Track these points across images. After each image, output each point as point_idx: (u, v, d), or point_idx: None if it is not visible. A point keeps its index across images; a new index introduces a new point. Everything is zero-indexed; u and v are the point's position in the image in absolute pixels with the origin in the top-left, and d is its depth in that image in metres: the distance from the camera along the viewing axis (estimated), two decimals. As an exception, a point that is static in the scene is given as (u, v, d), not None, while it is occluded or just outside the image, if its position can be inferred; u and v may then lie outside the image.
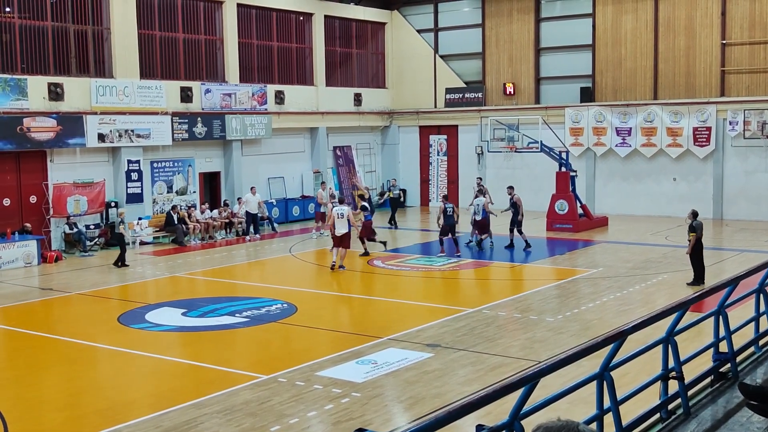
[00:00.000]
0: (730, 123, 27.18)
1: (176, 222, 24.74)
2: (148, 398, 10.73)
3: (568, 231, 25.00)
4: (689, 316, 7.77)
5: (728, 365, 7.89)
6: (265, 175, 29.18)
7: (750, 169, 27.34)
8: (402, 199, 30.36)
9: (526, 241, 21.85)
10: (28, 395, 10.96)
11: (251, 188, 26.12)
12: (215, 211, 26.15)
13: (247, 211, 25.70)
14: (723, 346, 7.98)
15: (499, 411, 5.49)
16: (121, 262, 20.56)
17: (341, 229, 19.33)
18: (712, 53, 27.89)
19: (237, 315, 15.18)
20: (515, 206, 22.33)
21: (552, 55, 31.46)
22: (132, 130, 24.23)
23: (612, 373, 6.14)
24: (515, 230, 22.20)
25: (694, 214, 17.09)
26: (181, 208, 25.47)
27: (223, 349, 13.23)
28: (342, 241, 19.46)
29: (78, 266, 20.86)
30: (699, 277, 16.84)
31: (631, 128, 28.98)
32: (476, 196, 22.54)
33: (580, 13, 30.62)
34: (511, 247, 22.10)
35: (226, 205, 26.46)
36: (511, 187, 23.24)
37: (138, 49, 24.78)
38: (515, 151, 29.32)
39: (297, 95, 30.10)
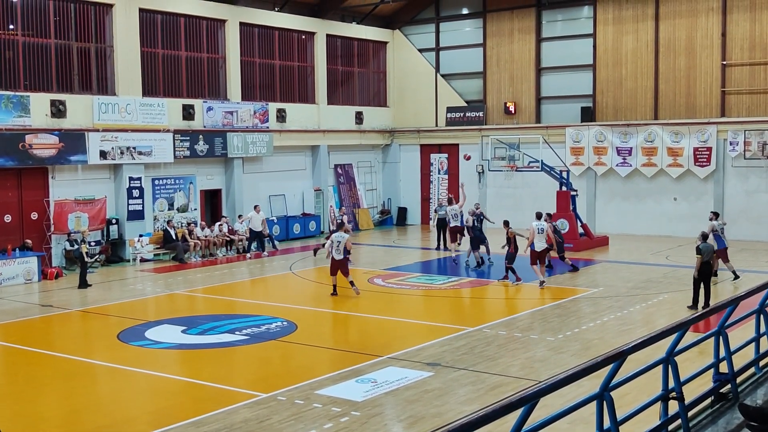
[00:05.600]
0: (731, 143, 27.24)
1: (174, 238, 24.73)
2: (147, 416, 10.70)
3: (569, 250, 24.93)
4: (690, 337, 7.76)
5: (728, 386, 7.86)
6: (266, 193, 29.21)
7: (750, 189, 27.37)
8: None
9: (515, 273, 20.06)
10: (27, 412, 10.93)
11: (255, 206, 26.00)
12: (214, 227, 26.01)
13: (251, 229, 25.66)
14: (723, 367, 7.96)
15: (499, 431, 5.48)
16: (83, 282, 20.17)
17: (540, 245, 19.75)
18: (713, 74, 28.01)
19: (237, 333, 15.17)
20: (509, 242, 20.04)
21: (553, 74, 31.59)
22: (134, 148, 24.30)
23: (612, 393, 6.13)
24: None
25: (704, 237, 17.00)
26: (181, 225, 25.48)
27: (223, 367, 13.20)
28: (540, 256, 19.84)
29: (78, 283, 20.81)
30: (695, 303, 16.44)
31: (631, 148, 29.04)
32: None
33: (581, 34, 30.79)
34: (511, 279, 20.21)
35: (224, 218, 26.41)
36: (506, 222, 20.83)
37: (141, 66, 24.90)
38: (516, 170, 29.35)
39: (298, 113, 30.20)
